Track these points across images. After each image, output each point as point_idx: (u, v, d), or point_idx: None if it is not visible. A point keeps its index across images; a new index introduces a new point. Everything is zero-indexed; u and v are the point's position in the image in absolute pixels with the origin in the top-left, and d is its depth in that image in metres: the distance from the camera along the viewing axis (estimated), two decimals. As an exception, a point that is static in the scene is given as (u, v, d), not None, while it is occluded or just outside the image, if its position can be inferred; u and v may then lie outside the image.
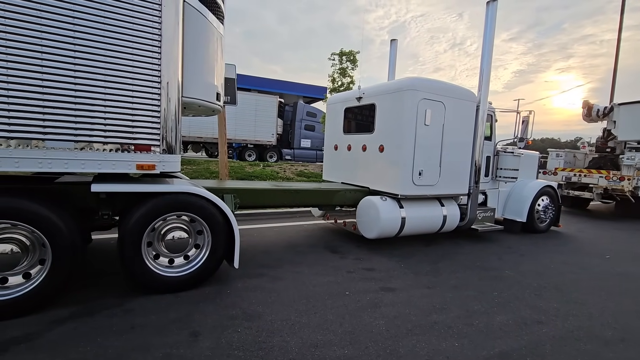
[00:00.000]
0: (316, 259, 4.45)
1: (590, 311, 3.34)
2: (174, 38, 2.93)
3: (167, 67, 2.89)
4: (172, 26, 2.91)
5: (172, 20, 2.90)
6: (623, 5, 16.12)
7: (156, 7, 2.79)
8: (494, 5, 5.10)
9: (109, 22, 2.62)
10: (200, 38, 3.25)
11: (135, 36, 2.72)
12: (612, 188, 8.77)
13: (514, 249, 5.44)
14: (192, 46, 3.15)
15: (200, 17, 3.17)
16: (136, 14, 2.71)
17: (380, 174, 5.10)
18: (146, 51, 2.78)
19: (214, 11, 3.37)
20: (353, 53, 13.16)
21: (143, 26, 2.75)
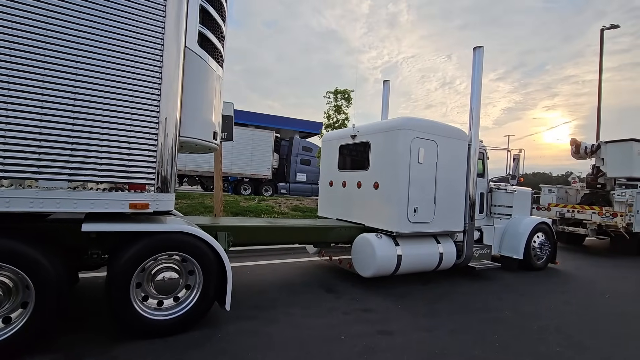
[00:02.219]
0: (311, 299, 4.31)
1: (594, 356, 3.23)
2: (173, 80, 3.03)
3: (165, 108, 2.97)
4: (173, 69, 3.02)
5: (173, 63, 3.01)
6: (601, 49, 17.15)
7: (158, 51, 2.92)
8: (480, 50, 5.40)
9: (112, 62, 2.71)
10: (199, 80, 3.36)
11: (136, 79, 2.81)
12: (606, 224, 8.81)
13: (512, 288, 5.34)
14: (191, 88, 3.25)
15: (200, 61, 3.30)
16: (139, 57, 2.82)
17: (375, 211, 5.10)
18: (146, 92, 2.86)
19: (214, 55, 3.52)
20: (347, 91, 13.64)
21: (145, 70, 2.85)
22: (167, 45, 2.95)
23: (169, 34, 2.94)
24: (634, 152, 9.13)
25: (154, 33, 2.88)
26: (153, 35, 2.87)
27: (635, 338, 3.72)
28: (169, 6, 2.94)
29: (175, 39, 3.00)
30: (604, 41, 17.29)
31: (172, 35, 2.97)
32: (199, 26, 3.25)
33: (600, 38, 17.33)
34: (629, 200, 8.62)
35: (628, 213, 8.56)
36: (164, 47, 2.93)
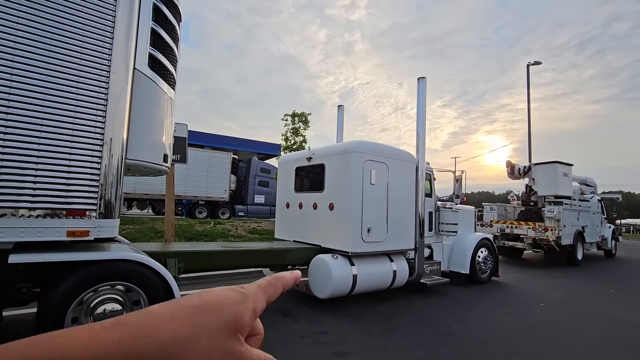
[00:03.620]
0: (267, 324, 4.13)
1: (531, 362, 3.49)
2: (120, 100, 2.94)
3: (111, 128, 2.86)
4: (120, 89, 2.94)
5: (120, 84, 2.93)
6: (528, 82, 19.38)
7: (104, 72, 2.83)
8: (423, 80, 5.88)
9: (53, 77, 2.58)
10: (149, 102, 3.29)
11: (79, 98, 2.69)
12: (540, 238, 9.69)
13: (460, 302, 5.63)
14: (140, 109, 3.17)
15: (150, 83, 3.25)
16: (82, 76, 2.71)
17: (331, 232, 5.18)
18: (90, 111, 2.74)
19: (165, 77, 3.48)
20: (305, 114, 13.95)
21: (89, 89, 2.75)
22: (115, 66, 2.88)
23: (116, 55, 2.88)
24: (558, 173, 10.27)
25: (100, 53, 2.80)
26: (99, 56, 2.80)
27: (567, 342, 4.08)
28: (118, 27, 2.90)
29: (123, 60, 2.94)
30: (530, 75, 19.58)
31: (120, 56, 2.91)
32: (149, 48, 3.22)
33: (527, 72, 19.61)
34: (557, 215, 9.60)
35: (557, 227, 9.51)
36: (110, 67, 2.85)
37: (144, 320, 0.26)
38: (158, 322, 0.26)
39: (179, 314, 0.27)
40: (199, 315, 0.27)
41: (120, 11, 2.91)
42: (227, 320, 0.27)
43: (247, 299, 0.30)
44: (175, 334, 0.26)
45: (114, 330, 0.25)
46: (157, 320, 0.26)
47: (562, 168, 10.48)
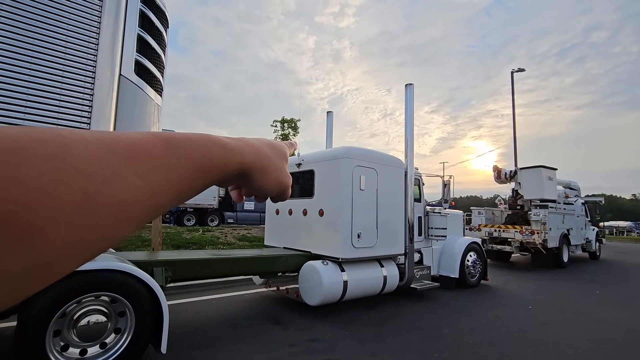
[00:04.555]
0: (257, 333, 4.15)
1: (520, 365, 3.52)
2: (106, 106, 2.90)
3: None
4: (106, 96, 2.90)
5: (105, 90, 2.89)
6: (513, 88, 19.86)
7: (89, 78, 2.79)
8: (411, 87, 5.97)
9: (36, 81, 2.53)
10: (136, 108, 3.25)
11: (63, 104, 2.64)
12: (527, 241, 9.86)
13: (450, 306, 5.66)
14: (127, 115, 3.12)
15: (136, 89, 3.21)
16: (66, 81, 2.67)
17: (321, 238, 5.17)
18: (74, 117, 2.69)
19: (152, 84, 3.45)
20: (294, 120, 13.99)
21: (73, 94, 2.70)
22: (100, 72, 2.83)
23: (102, 61, 2.84)
24: (543, 177, 10.50)
25: (85, 59, 2.76)
26: (83, 62, 2.75)
27: (555, 344, 4.13)
28: (103, 33, 2.86)
29: (108, 66, 2.90)
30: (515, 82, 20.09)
31: (106, 62, 2.87)
32: (135, 54, 3.18)
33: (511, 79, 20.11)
34: (543, 219, 9.79)
35: (543, 231, 9.69)
36: (95, 73, 2.81)
37: (249, 141, 0.38)
38: (257, 144, 0.39)
39: (264, 145, 0.40)
40: (273, 148, 0.42)
41: (106, 17, 2.88)
42: (283, 152, 0.44)
43: (286, 148, 0.46)
44: (267, 151, 0.40)
45: (241, 141, 0.37)
46: (256, 143, 0.39)
47: (547, 172, 10.71)
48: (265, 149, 0.40)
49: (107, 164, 0.22)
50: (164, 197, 0.26)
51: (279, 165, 0.41)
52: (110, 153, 0.23)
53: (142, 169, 0.25)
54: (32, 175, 0.19)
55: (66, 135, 0.22)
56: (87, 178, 0.21)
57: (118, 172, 0.23)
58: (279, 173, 0.41)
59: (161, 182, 0.26)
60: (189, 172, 0.28)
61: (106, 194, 0.22)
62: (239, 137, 0.38)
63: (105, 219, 0.22)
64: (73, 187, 0.20)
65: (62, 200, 0.19)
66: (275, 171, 0.40)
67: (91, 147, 0.22)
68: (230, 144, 0.34)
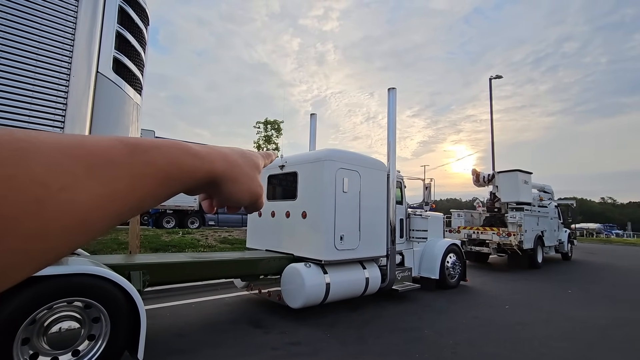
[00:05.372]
0: (238, 337, 4.08)
1: (498, 363, 3.61)
2: (82, 104, 2.79)
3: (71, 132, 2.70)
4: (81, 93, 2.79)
5: (81, 87, 2.78)
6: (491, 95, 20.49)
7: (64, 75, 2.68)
8: (393, 91, 6.05)
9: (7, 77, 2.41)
10: (113, 107, 3.15)
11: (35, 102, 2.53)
12: (503, 243, 10.16)
13: (431, 307, 5.75)
14: (104, 114, 3.02)
15: (114, 87, 3.11)
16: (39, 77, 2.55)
17: (303, 240, 5.15)
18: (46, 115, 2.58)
19: (131, 82, 3.35)
20: (277, 122, 13.92)
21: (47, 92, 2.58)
22: (76, 69, 2.73)
23: (78, 57, 2.73)
24: (519, 180, 10.86)
25: (60, 55, 2.65)
26: (58, 58, 2.64)
27: (530, 343, 4.26)
28: (80, 28, 2.76)
29: (85, 63, 2.80)
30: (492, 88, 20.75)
31: (82, 58, 2.77)
32: (114, 52, 3.09)
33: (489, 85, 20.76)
34: (519, 221, 10.12)
35: (519, 232, 10.01)
36: (71, 70, 2.70)
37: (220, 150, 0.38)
38: (228, 152, 0.39)
39: (235, 153, 0.40)
40: (245, 157, 0.42)
41: (83, 11, 2.78)
42: (255, 163, 0.43)
43: (260, 158, 0.46)
44: (238, 160, 0.40)
45: (212, 149, 0.37)
46: (227, 152, 0.39)
47: (523, 176, 11.09)
48: (236, 158, 0.40)
49: (65, 170, 0.21)
50: (126, 205, 0.25)
51: (251, 174, 0.41)
52: (70, 158, 0.22)
53: (104, 176, 0.24)
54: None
55: (23, 139, 0.20)
56: (42, 185, 0.20)
57: (77, 179, 0.22)
58: (250, 182, 0.41)
59: (124, 190, 0.25)
60: (154, 180, 0.28)
61: (62, 202, 0.21)
62: (210, 145, 0.38)
63: (60, 228, 0.21)
64: (25, 195, 0.19)
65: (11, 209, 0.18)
66: (246, 180, 0.40)
67: (50, 151, 0.21)
68: (200, 151, 0.34)
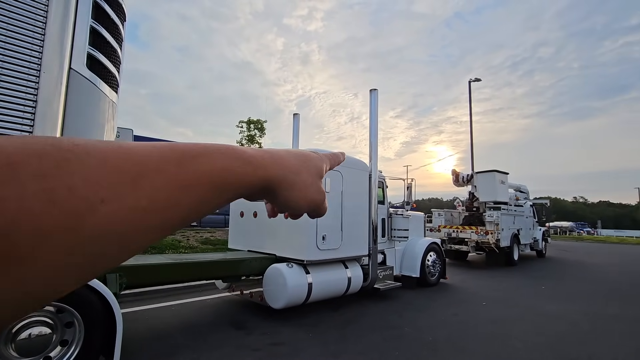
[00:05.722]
0: (218, 339, 4.03)
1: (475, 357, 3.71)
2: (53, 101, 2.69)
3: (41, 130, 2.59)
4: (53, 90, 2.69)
5: (53, 84, 2.69)
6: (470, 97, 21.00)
7: (34, 70, 2.58)
8: (375, 92, 6.12)
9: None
10: (87, 104, 3.05)
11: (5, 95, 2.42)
12: (482, 241, 10.44)
13: (412, 305, 5.85)
14: (77, 111, 2.92)
15: (88, 84, 3.01)
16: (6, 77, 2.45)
17: (286, 240, 5.14)
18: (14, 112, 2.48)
19: (107, 80, 3.25)
20: (260, 122, 13.81)
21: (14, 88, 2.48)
22: (47, 65, 2.63)
23: (49, 52, 2.63)
24: (496, 180, 11.19)
25: (29, 50, 2.55)
26: (27, 53, 2.54)
27: (505, 338, 4.40)
28: (51, 22, 2.66)
29: (57, 59, 2.70)
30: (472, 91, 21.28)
31: (54, 53, 2.67)
32: (88, 47, 2.99)
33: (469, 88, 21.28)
34: (496, 220, 10.43)
35: (496, 231, 10.31)
36: (41, 66, 2.60)
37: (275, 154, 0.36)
38: (284, 156, 0.37)
39: (292, 157, 0.38)
40: (305, 161, 0.39)
41: (54, 5, 2.68)
42: (317, 167, 0.40)
43: (325, 161, 0.43)
44: (296, 165, 0.37)
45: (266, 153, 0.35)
46: (284, 155, 0.37)
47: (500, 176, 11.43)
48: (293, 162, 0.37)
49: (108, 182, 0.21)
50: (173, 217, 0.24)
51: (309, 180, 0.38)
52: (114, 169, 0.21)
53: (150, 187, 0.23)
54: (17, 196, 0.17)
55: (69, 149, 0.20)
56: (82, 199, 0.19)
57: (120, 191, 0.21)
58: (307, 189, 0.38)
59: (171, 201, 0.24)
60: (204, 189, 0.27)
61: (103, 215, 0.20)
62: (265, 149, 0.36)
63: (100, 242, 0.20)
64: (64, 209, 0.18)
65: (50, 223, 0.18)
66: (303, 187, 0.37)
67: (93, 162, 0.21)
68: (253, 156, 0.32)
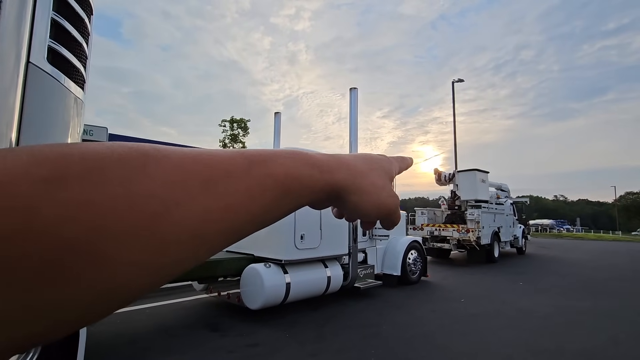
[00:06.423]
0: (193, 342, 3.95)
1: (451, 356, 3.75)
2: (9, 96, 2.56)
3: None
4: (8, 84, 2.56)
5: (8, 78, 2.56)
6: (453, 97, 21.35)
7: (-11, 65, 2.46)
8: (355, 91, 6.13)
9: None
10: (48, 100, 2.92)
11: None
12: (463, 239, 10.60)
13: (391, 303, 5.88)
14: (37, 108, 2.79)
15: (49, 80, 2.89)
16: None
17: (263, 240, 5.08)
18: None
19: (72, 76, 3.13)
20: (244, 121, 13.69)
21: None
22: (1, 58, 2.51)
23: (3, 45, 2.51)
24: (477, 179, 11.39)
25: (-18, 42, 2.43)
26: (-21, 45, 2.42)
27: (480, 333, 4.46)
28: (5, 13, 2.54)
29: (13, 51, 2.57)
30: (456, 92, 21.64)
31: (9, 46, 2.54)
32: (49, 41, 2.87)
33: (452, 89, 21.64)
34: (477, 218, 10.60)
35: (477, 229, 10.49)
36: (-4, 59, 2.48)
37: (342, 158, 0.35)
38: (351, 161, 0.36)
39: (359, 160, 0.37)
40: (372, 164, 0.38)
41: (10, -4, 2.56)
42: (386, 170, 0.39)
43: (393, 164, 0.42)
44: (363, 169, 0.36)
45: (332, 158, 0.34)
46: (350, 160, 0.36)
47: (480, 175, 11.64)
48: (360, 166, 0.36)
49: (182, 185, 0.22)
50: (243, 220, 0.25)
51: (380, 184, 0.36)
52: (186, 173, 0.22)
53: (219, 191, 0.23)
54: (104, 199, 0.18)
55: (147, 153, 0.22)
56: (159, 201, 0.20)
57: (192, 194, 0.22)
58: (378, 193, 0.36)
59: (240, 204, 0.24)
60: (272, 193, 0.27)
61: (178, 217, 0.21)
62: (331, 154, 0.36)
63: (176, 243, 0.21)
64: (144, 211, 0.20)
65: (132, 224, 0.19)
66: (373, 190, 0.35)
67: (168, 166, 0.22)
68: (320, 160, 0.32)
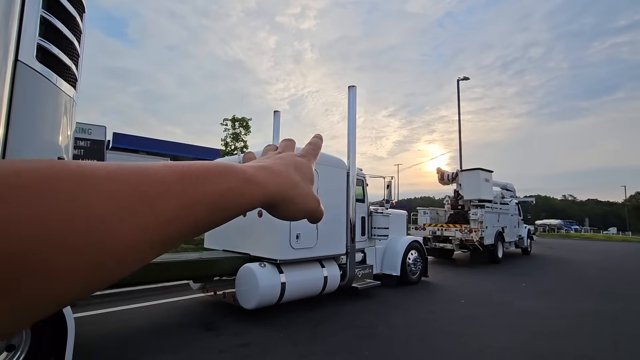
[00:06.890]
0: (186, 341, 3.94)
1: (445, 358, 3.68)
2: None
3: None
4: (-1, 85, 2.57)
5: (-2, 79, 2.56)
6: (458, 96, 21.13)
7: (-24, 63, 2.46)
8: (353, 89, 6.06)
9: None
10: (39, 99, 2.93)
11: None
12: (466, 239, 10.48)
13: (389, 304, 5.82)
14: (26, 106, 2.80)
15: (39, 78, 2.89)
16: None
17: (259, 239, 5.05)
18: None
19: (62, 74, 3.13)
20: (246, 119, 13.68)
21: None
22: (-12, 57, 2.50)
23: (-10, 44, 2.51)
24: (480, 179, 11.24)
25: (-32, 41, 2.43)
26: (-35, 44, 2.42)
27: (478, 335, 4.38)
28: (-7, 13, 2.53)
29: (1, 50, 2.57)
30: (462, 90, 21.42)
31: (-4, 45, 2.54)
32: (38, 39, 2.86)
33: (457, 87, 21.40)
34: (480, 218, 10.47)
35: (480, 229, 10.36)
36: (-18, 58, 2.48)
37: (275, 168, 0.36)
38: (283, 171, 0.37)
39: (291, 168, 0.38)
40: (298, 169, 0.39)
41: (-3, -5, 2.56)
42: (309, 176, 0.41)
43: (311, 161, 0.43)
44: (294, 179, 0.37)
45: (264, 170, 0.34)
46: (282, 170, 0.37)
47: (484, 174, 11.49)
48: (291, 175, 0.38)
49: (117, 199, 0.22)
50: (177, 233, 0.26)
51: (306, 191, 0.39)
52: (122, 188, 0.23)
53: (158, 206, 0.24)
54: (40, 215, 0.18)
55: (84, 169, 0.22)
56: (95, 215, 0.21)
57: (127, 209, 0.22)
58: (304, 201, 0.38)
59: (175, 219, 0.25)
60: (205, 208, 0.27)
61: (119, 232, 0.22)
62: (263, 164, 0.36)
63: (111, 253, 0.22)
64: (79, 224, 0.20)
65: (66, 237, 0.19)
66: (301, 200, 0.38)
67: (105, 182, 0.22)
68: (253, 175, 0.32)
